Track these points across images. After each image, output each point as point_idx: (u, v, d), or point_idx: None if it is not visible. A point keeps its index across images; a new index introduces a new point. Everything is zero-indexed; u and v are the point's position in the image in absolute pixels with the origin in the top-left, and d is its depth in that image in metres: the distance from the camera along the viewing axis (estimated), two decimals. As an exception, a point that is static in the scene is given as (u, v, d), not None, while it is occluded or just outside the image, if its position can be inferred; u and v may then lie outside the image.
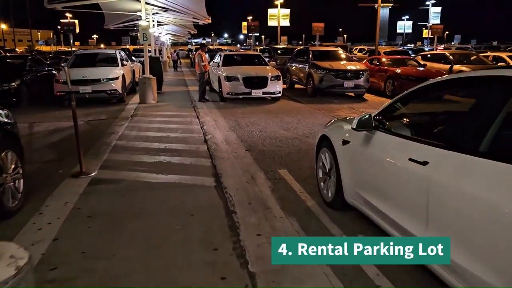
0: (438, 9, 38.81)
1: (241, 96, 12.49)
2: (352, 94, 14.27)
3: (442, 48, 31.89)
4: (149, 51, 17.16)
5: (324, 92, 13.75)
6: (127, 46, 54.17)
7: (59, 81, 12.05)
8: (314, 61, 14.42)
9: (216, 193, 4.81)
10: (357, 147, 3.56)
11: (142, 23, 12.37)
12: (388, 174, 3.09)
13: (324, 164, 4.38)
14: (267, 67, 13.66)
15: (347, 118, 4.48)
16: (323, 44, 28.57)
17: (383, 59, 15.62)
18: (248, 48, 56.45)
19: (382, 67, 15.01)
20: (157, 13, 17.81)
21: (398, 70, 14.19)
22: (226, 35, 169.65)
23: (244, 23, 54.17)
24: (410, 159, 2.72)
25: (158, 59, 15.50)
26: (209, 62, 14.71)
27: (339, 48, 17.37)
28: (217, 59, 15.47)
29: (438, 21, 39.62)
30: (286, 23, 36.58)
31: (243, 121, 9.55)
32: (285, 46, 29.89)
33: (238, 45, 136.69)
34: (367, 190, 3.42)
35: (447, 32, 72.49)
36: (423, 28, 71.28)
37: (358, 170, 3.59)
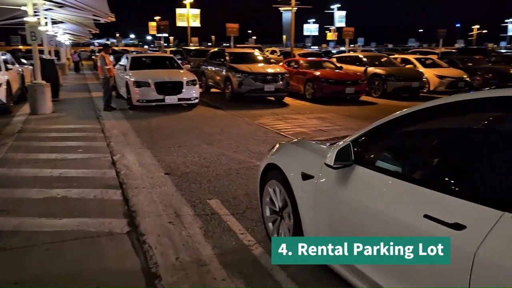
0: (343, 12, 40.38)
1: (153, 104, 11.12)
2: (273, 98, 13.62)
3: (347, 50, 33.09)
4: (41, 52, 14.93)
5: (243, 97, 12.90)
6: (20, 47, 48.53)
7: None
8: (231, 64, 13.50)
9: (130, 244, 3.59)
10: (328, 185, 2.65)
11: (29, 19, 10.39)
12: (383, 231, 2.20)
13: (272, 200, 3.42)
14: (182, 71, 12.43)
15: (298, 141, 3.57)
16: (237, 45, 27.90)
17: (301, 62, 15.24)
18: (157, 49, 54.10)
19: (301, 70, 14.60)
20: (50, 9, 15.55)
21: (318, 73, 13.86)
22: (132, 36, 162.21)
23: (152, 23, 51.64)
24: (427, 216, 1.85)
25: (52, 61, 13.40)
26: (114, 65, 13.03)
27: (256, 50, 16.69)
28: (123, 61, 13.82)
29: (343, 24, 41.19)
30: (196, 23, 35.23)
31: (158, 135, 8.27)
32: (198, 47, 28.59)
33: (146, 46, 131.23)
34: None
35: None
36: (327, 31, 74.68)
37: (331, 217, 2.66)
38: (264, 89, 12.73)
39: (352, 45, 66.25)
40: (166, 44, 67.34)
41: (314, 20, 61.26)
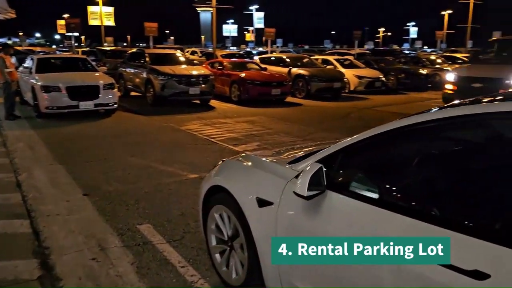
0: (262, 13, 40.80)
1: (65, 111, 9.96)
2: (198, 102, 13.04)
3: (269, 51, 33.44)
4: None
5: (167, 101, 12.16)
6: None
7: None
8: (152, 65, 12.67)
9: (44, 294, 2.90)
10: (294, 216, 2.23)
11: None
12: (373, 278, 1.83)
13: (219, 228, 2.94)
14: (97, 73, 11.35)
15: (247, 157, 3.11)
16: (156, 46, 26.74)
17: (226, 63, 14.83)
18: (67, 50, 50.34)
19: (225, 72, 14.18)
20: None
21: (243, 74, 13.55)
22: (38, 35, 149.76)
23: (60, 21, 47.99)
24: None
25: None
26: (17, 68, 11.55)
27: (178, 51, 15.95)
28: (28, 63, 12.31)
29: (262, 25, 41.65)
30: (110, 22, 33.19)
31: (73, 147, 7.32)
32: (113, 48, 26.80)
33: (54, 46, 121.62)
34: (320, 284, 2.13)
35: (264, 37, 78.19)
36: (245, 32, 75.37)
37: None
38: (189, 92, 12.11)
39: (271, 46, 67.16)
40: (77, 44, 63.00)
41: (233, 20, 61.29)
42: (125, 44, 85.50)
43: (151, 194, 4.94)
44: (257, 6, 40.80)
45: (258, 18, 40.47)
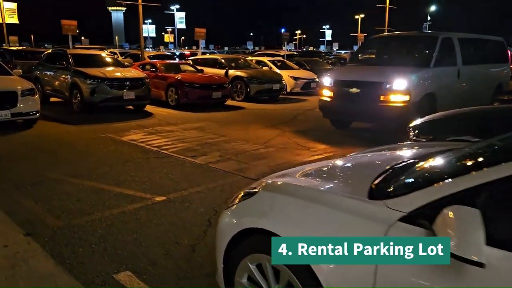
0: (183, 14, 39.46)
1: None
2: (131, 107, 11.83)
3: (188, 52, 32.43)
4: None
5: (97, 107, 10.82)
6: None
7: None
8: (78, 67, 11.21)
9: None
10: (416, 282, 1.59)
11: None
12: None
13: (257, 282, 2.20)
14: (12, 77, 9.68)
15: (288, 185, 2.40)
16: (76, 46, 24.44)
17: (159, 65, 13.70)
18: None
19: (160, 74, 13.09)
20: None
21: (181, 77, 12.59)
22: None
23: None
24: None
25: None
26: None
27: (105, 51, 14.43)
28: None
29: (183, 26, 40.41)
30: (14, 20, 29.77)
31: (-6, 168, 5.96)
32: (24, 48, 23.70)
33: None
34: None
35: (183, 38, 76.38)
36: (163, 33, 73.11)
37: None
38: (123, 97, 10.87)
39: (192, 48, 66.15)
40: (-29, 44, 56.11)
41: (150, 20, 58.95)
42: (27, 44, 78.10)
43: (117, 227, 3.98)
44: (178, 6, 39.44)
45: (180, 18, 39.13)
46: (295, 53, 28.98)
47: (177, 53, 37.15)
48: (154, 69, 13.49)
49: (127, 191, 4.98)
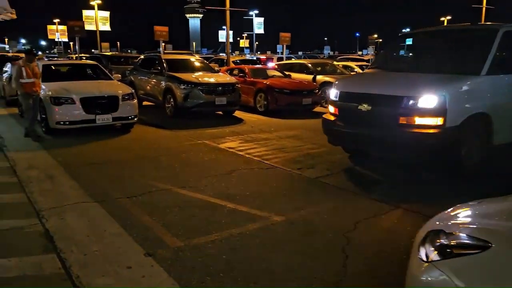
0: (261, 19, 39.59)
1: (79, 126, 8.50)
2: (220, 113, 11.67)
3: (284, 57, 32.18)
4: None
5: (189, 112, 10.77)
6: None
7: None
8: (172, 72, 11.27)
9: None
10: None
11: None
12: None
13: None
14: (113, 82, 9.91)
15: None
16: (165, 52, 25.32)
17: (248, 70, 13.47)
18: (56, 56, 48.57)
19: (249, 79, 12.83)
20: None
21: (270, 82, 12.23)
22: (23, 41, 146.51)
23: (51, 26, 46.41)
24: None
25: None
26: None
27: (196, 56, 14.55)
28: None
29: (262, 31, 40.45)
30: (106, 27, 31.72)
31: (101, 174, 5.87)
32: (118, 53, 25.09)
33: (40, 53, 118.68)
34: None
35: (256, 43, 76.79)
36: (238, 38, 74.20)
37: None
38: (215, 103, 10.72)
39: (266, 53, 66.47)
40: (70, 51, 61.03)
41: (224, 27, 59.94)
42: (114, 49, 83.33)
43: (241, 251, 3.54)
44: (257, 11, 39.61)
45: (258, 24, 39.25)
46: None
47: (254, 58, 37.32)
48: (242, 74, 13.27)
49: (241, 207, 4.57)
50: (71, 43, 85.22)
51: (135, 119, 9.21)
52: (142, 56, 14.34)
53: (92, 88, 9.01)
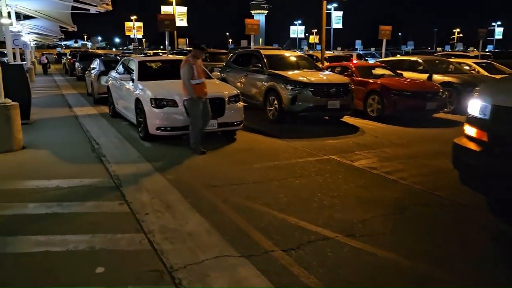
0: (340, 13, 37.40)
1: (180, 133, 7.31)
2: (326, 117, 10.07)
3: (382, 53, 29.90)
4: (4, 55, 10.94)
5: (296, 117, 9.29)
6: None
7: None
8: (274, 70, 9.85)
9: None
10: None
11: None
12: None
13: None
14: (216, 81, 8.67)
15: None
16: (255, 47, 24.18)
17: (355, 68, 11.72)
18: (131, 52, 49.57)
19: (356, 78, 11.09)
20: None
21: (383, 82, 10.43)
22: (99, 38, 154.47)
23: (128, 23, 47.37)
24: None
25: (20, 68, 9.32)
26: (126, 72, 9.12)
27: (296, 51, 13.06)
28: (120, 68, 9.97)
29: (340, 26, 38.32)
30: (184, 23, 31.30)
31: (232, 204, 4.50)
32: (211, 49, 24.03)
33: (114, 49, 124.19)
34: None
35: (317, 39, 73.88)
36: (306, 34, 71.81)
37: None
38: (327, 106, 9.13)
39: (337, 49, 63.79)
40: (140, 47, 62.48)
41: (300, 21, 58.25)
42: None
43: None
44: (336, 5, 37.44)
45: (337, 18, 37.10)
46: (487, 54, 24.43)
47: (343, 55, 35.26)
48: (349, 73, 11.55)
49: (443, 276, 2.94)
50: (144, 39, 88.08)
51: (241, 125, 7.88)
52: (236, 52, 13.05)
53: (195, 88, 7.79)
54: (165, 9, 30.60)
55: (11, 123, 6.67)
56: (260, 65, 10.41)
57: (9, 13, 11.70)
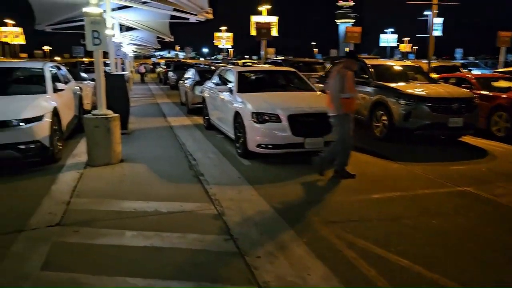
0: (440, 19, 34.60)
1: (284, 151, 6.58)
2: (442, 136, 8.72)
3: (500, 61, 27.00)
4: (106, 65, 11.15)
5: (408, 135, 8.14)
6: (83, 59, 47.03)
7: None
8: (383, 82, 8.80)
9: None
10: None
11: (91, 10, 6.30)
12: None
13: None
14: (320, 94, 7.87)
15: None
16: (326, 57, 23.24)
17: (474, 80, 10.20)
18: (220, 62, 50.77)
19: (478, 92, 9.56)
20: (123, 7, 11.76)
21: (508, 96, 8.85)
22: (189, 48, 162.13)
23: (217, 34, 48.62)
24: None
25: (121, 78, 9.35)
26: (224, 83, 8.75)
27: (406, 61, 11.86)
28: (215, 79, 9.62)
29: (439, 33, 35.39)
30: (274, 32, 31.04)
31: (357, 252, 3.65)
32: (304, 59, 23.18)
33: (202, 59, 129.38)
34: None
35: (415, 48, 69.14)
36: (398, 43, 67.75)
37: None
38: (447, 124, 7.86)
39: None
40: (219, 56, 63.97)
41: (393, 30, 55.37)
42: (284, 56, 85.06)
43: None
44: (436, 11, 34.63)
45: (437, 25, 34.29)
46: None
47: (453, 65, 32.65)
48: (469, 86, 10.04)
49: None
50: (231, 49, 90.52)
51: (349, 144, 6.95)
52: (338, 61, 12.14)
53: (299, 102, 7.07)
54: (255, 19, 30.60)
55: (111, 135, 6.46)
56: (365, 75, 9.40)
57: (112, 24, 12.02)
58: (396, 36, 54.88)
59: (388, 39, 54.89)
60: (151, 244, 3.71)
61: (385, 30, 56.58)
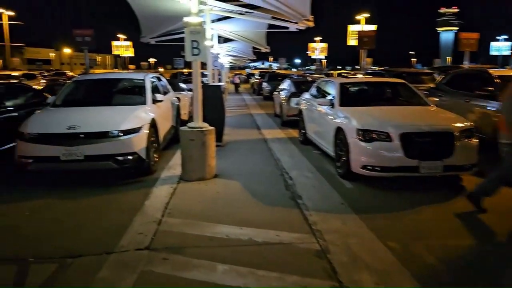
0: None
1: (394, 174, 5.73)
2: None
3: None
4: (204, 76, 11.13)
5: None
6: (183, 70, 49.74)
7: (24, 136, 6.02)
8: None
9: None
10: None
11: (191, 19, 6.11)
12: None
13: None
14: (436, 109, 6.86)
15: None
16: (434, 66, 21.36)
17: None
18: (312, 73, 50.10)
19: None
20: (223, 18, 11.78)
21: None
22: (283, 59, 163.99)
23: (311, 44, 48.20)
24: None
25: (218, 89, 9.19)
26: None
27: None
28: (313, 91, 9.02)
29: None
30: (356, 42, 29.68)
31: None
32: (404, 69, 21.70)
33: (294, 69, 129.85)
34: None
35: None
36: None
37: None
38: None
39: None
40: (307, 67, 63.04)
41: (506, 37, 50.08)
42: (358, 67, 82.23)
43: None
44: None
45: None
46: None
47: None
48: None
49: None
50: (324, 60, 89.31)
51: (473, 169, 5.86)
52: (453, 72, 10.80)
53: (412, 118, 6.16)
54: (353, 28, 29.57)
55: (205, 149, 6.18)
56: (489, 88, 8.08)
57: (211, 35, 12.07)
58: (509, 44, 49.48)
59: (500, 47, 49.66)
60: (245, 285, 3.19)
61: (497, 38, 51.35)
